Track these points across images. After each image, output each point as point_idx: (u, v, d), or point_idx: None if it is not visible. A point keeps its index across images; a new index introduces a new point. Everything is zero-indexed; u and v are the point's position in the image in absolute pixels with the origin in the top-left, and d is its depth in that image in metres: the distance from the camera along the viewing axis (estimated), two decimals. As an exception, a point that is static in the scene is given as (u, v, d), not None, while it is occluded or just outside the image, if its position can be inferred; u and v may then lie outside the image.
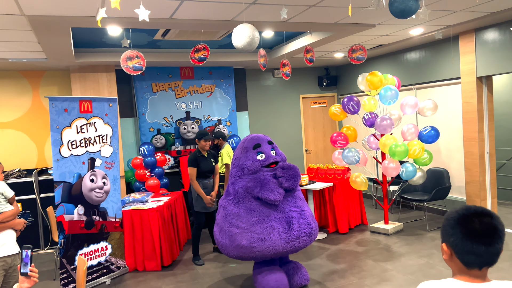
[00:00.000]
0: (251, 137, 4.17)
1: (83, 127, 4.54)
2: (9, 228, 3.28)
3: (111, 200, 4.82)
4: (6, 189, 3.27)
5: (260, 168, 3.99)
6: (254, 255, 3.83)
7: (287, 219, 3.87)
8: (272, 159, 4.03)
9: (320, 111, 8.85)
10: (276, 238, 3.78)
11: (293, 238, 3.83)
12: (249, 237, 3.78)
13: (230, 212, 3.95)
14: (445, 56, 6.20)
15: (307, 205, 4.15)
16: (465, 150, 5.92)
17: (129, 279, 4.76)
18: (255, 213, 3.86)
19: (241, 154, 4.10)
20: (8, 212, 3.25)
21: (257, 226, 3.81)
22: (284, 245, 3.79)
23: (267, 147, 4.08)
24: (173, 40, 5.72)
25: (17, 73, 6.42)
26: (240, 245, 3.81)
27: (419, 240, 5.41)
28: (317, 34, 5.50)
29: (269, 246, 3.76)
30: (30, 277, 2.11)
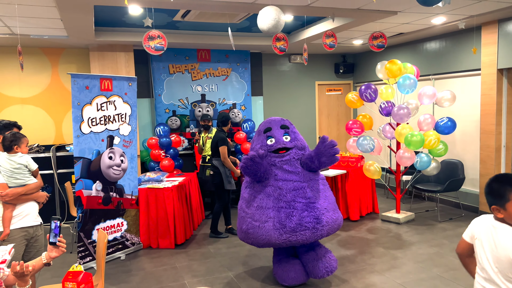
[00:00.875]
0: (266, 121, 4.07)
1: (103, 105, 4.61)
2: (32, 200, 3.37)
3: (128, 178, 4.91)
4: (30, 162, 3.36)
5: (267, 153, 3.83)
6: (250, 241, 3.77)
7: (287, 210, 3.64)
8: (281, 144, 3.81)
9: (335, 98, 8.82)
10: (270, 227, 3.60)
11: (288, 231, 3.57)
12: (248, 223, 3.75)
13: (242, 196, 4.01)
14: (466, 47, 6.12)
15: (324, 197, 3.82)
16: (482, 142, 5.88)
17: (143, 255, 4.88)
18: (256, 199, 3.77)
19: (255, 137, 4.06)
20: (32, 184, 3.34)
21: (255, 213, 3.72)
22: (277, 237, 3.58)
23: (278, 131, 3.88)
24: (192, 21, 5.73)
25: (38, 50, 6.50)
26: (241, 229, 3.84)
27: (430, 230, 5.43)
28: (337, 20, 5.45)
29: (262, 235, 3.63)
30: (59, 246, 2.21)
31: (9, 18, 4.61)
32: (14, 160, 3.26)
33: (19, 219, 3.26)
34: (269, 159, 3.84)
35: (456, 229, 5.46)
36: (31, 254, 3.30)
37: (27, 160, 3.33)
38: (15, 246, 3.08)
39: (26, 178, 3.30)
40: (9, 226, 3.19)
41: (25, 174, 3.31)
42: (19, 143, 3.30)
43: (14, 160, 3.26)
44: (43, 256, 2.28)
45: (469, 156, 6.20)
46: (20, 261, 1.96)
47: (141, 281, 4.17)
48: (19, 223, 3.25)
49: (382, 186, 7.83)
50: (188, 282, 4.10)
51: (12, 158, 3.26)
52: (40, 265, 2.27)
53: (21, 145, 3.32)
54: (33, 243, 3.33)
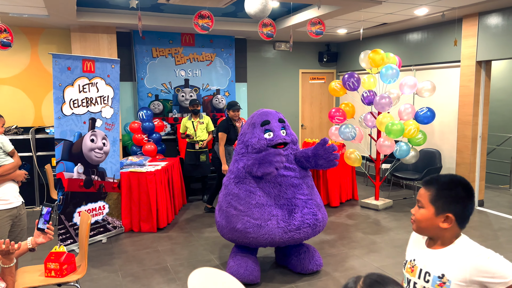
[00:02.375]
0: (260, 112, 3.78)
1: (85, 87, 4.54)
2: (10, 180, 3.32)
3: (110, 161, 4.87)
4: (5, 143, 3.28)
5: (266, 148, 3.62)
6: (248, 241, 3.56)
7: (289, 207, 3.53)
8: (280, 139, 3.63)
9: (319, 87, 8.89)
10: (273, 226, 3.46)
11: (293, 228, 3.49)
12: (245, 221, 3.50)
13: (230, 192, 3.67)
14: (447, 39, 6.24)
15: (316, 194, 3.79)
16: (459, 132, 6.05)
17: (125, 239, 4.88)
18: (254, 196, 3.54)
19: (247, 129, 3.76)
20: (8, 165, 3.27)
21: (254, 211, 3.50)
22: (281, 235, 3.47)
23: (276, 125, 3.69)
24: (177, 5, 5.65)
25: (17, 29, 6.31)
26: (235, 228, 3.57)
27: (407, 217, 5.59)
28: (323, 7, 5.48)
29: (265, 234, 3.46)
30: (47, 233, 2.19)
31: (-13, -5, 4.46)
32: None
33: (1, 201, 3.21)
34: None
35: (432, 216, 5.63)
36: (16, 233, 3.28)
37: (1, 141, 3.26)
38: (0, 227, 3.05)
39: (1, 159, 3.24)
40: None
41: (0, 155, 3.25)
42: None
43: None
44: (29, 240, 2.25)
45: (446, 146, 6.37)
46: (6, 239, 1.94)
47: (124, 263, 4.18)
48: (2, 205, 3.20)
49: (362, 174, 7.99)
50: (171, 265, 4.13)
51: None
52: (25, 249, 2.25)
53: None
54: (17, 222, 3.31)
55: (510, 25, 5.27)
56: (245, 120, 6.48)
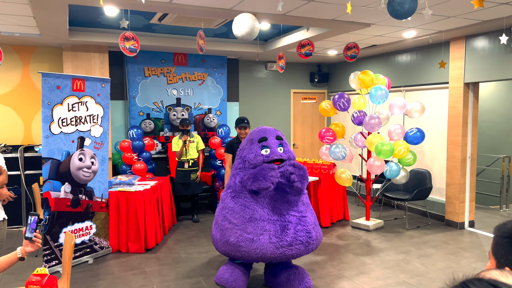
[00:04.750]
0: (259, 129, 3.90)
1: (74, 106, 4.53)
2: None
3: (98, 180, 4.82)
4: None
5: (262, 163, 3.68)
6: (241, 255, 3.59)
7: (282, 223, 3.54)
8: (276, 155, 3.69)
9: (310, 106, 8.95)
10: (265, 241, 3.47)
11: (285, 245, 3.49)
12: (238, 235, 3.55)
13: (226, 206, 3.75)
14: (435, 61, 6.35)
15: (311, 212, 3.80)
16: (448, 153, 6.09)
17: (112, 260, 4.79)
18: (248, 211, 3.58)
19: (246, 145, 3.87)
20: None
21: (248, 225, 3.53)
22: (273, 250, 3.47)
23: (274, 142, 3.77)
24: (169, 25, 5.72)
25: (8, 47, 6.33)
26: (228, 241, 3.61)
27: (398, 238, 5.57)
28: (313, 29, 5.57)
29: (257, 248, 3.47)
30: (34, 242, 2.22)
31: (-21, 14, 4.48)
32: None
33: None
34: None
35: (423, 236, 5.61)
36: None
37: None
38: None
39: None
40: None
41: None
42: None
43: None
44: (18, 250, 2.32)
45: (436, 166, 6.40)
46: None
47: (109, 285, 4.09)
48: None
49: (353, 194, 7.98)
50: (158, 287, 4.05)
51: None
52: (15, 259, 2.29)
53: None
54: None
55: (496, 48, 5.38)
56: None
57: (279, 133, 3.90)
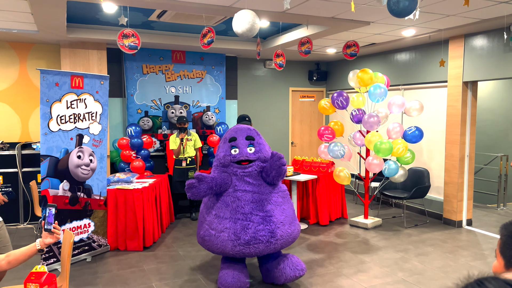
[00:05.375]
0: (233, 128, 4.03)
1: (73, 103, 4.50)
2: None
3: (97, 178, 4.81)
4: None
5: (230, 163, 3.87)
6: (206, 247, 3.84)
7: (243, 222, 3.66)
8: (244, 156, 3.82)
9: (309, 105, 8.95)
10: (225, 238, 3.65)
11: (242, 243, 3.61)
12: (205, 229, 3.82)
13: (205, 200, 4.05)
14: (434, 59, 6.35)
15: (282, 210, 3.84)
16: (447, 151, 6.10)
17: (110, 257, 4.78)
18: (215, 207, 3.82)
19: (220, 143, 4.07)
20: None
21: (214, 221, 3.76)
22: (231, 248, 3.64)
23: (243, 142, 3.88)
24: (168, 22, 5.69)
25: (5, 44, 6.29)
26: (199, 233, 3.92)
27: (396, 236, 5.58)
28: (312, 27, 5.55)
29: (217, 244, 3.70)
30: (53, 233, 2.26)
31: (-24, 10, 4.45)
32: None
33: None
34: (231, 169, 3.88)
35: (421, 235, 5.63)
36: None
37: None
38: None
39: None
40: None
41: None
42: None
43: None
44: (37, 242, 2.37)
45: (434, 165, 6.41)
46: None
47: (107, 283, 4.08)
48: None
49: (352, 192, 7.99)
50: (156, 285, 4.04)
51: None
52: (34, 251, 2.37)
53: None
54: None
55: (495, 47, 5.38)
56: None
57: (252, 132, 3.96)
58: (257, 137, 3.98)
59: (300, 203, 6.23)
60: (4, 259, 2.40)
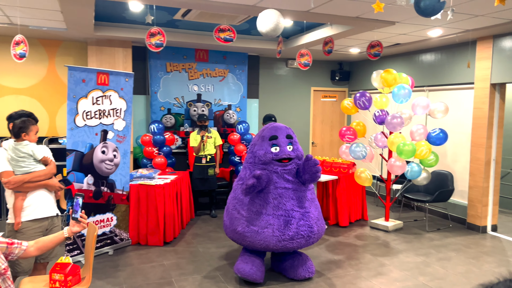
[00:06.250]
0: (271, 127, 4.07)
1: (98, 99, 4.61)
2: (42, 188, 3.28)
3: (120, 173, 4.90)
4: (36, 151, 3.26)
5: (271, 161, 3.92)
6: (246, 244, 3.92)
7: (286, 218, 3.80)
8: (285, 154, 3.91)
9: (330, 105, 8.88)
10: (269, 234, 3.75)
11: (287, 238, 3.77)
12: (245, 226, 3.86)
13: (237, 196, 4.07)
14: (460, 60, 6.21)
15: (315, 207, 4.03)
16: (472, 155, 5.96)
17: (131, 251, 4.87)
18: (255, 204, 3.87)
19: (257, 141, 4.08)
20: (38, 172, 3.24)
21: (254, 217, 3.83)
22: (275, 243, 3.76)
23: (284, 140, 3.96)
24: (192, 21, 5.75)
25: (35, 41, 6.48)
26: (235, 230, 3.94)
27: (417, 239, 5.49)
28: (335, 27, 5.51)
29: (260, 240, 3.78)
30: (80, 222, 2.35)
31: (10, 8, 4.60)
32: (19, 149, 3.18)
33: (32, 210, 3.18)
34: (272, 167, 3.95)
35: (443, 239, 5.52)
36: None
37: (32, 149, 3.24)
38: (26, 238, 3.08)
39: (31, 165, 3.22)
40: (20, 215, 3.13)
41: (30, 162, 3.22)
42: (27, 131, 3.21)
43: (19, 149, 3.18)
44: (65, 230, 2.46)
45: (459, 168, 6.28)
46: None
47: (128, 276, 4.16)
48: (32, 215, 3.18)
49: (372, 194, 7.89)
50: (176, 280, 4.10)
51: (17, 147, 3.18)
52: (62, 238, 2.47)
53: (30, 133, 3.24)
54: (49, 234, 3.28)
55: (525, 48, 5.22)
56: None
57: (290, 131, 4.07)
58: (294, 136, 4.11)
59: (320, 203, 6.20)
60: (33, 245, 2.49)
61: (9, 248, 2.36)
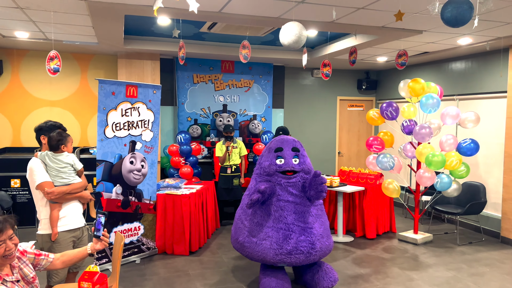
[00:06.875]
0: (278, 139, 4.11)
1: (127, 111, 4.74)
2: (76, 200, 3.39)
3: (147, 183, 5.01)
4: (76, 161, 3.39)
5: (275, 172, 3.93)
6: (245, 254, 3.90)
7: (285, 232, 3.73)
8: (289, 167, 3.90)
9: (357, 114, 8.79)
10: (267, 246, 3.72)
11: (284, 252, 3.68)
12: (245, 236, 3.88)
13: (242, 206, 4.14)
14: (492, 68, 6.03)
15: (321, 223, 3.92)
16: (505, 166, 5.75)
17: (158, 260, 4.94)
18: (257, 216, 3.88)
19: (265, 152, 4.13)
20: (77, 184, 3.35)
21: (255, 229, 3.84)
22: (272, 256, 3.71)
23: (289, 153, 3.96)
24: (218, 33, 5.85)
25: (69, 55, 6.75)
26: (237, 239, 3.98)
27: (448, 253, 5.31)
28: (361, 36, 5.47)
29: (258, 252, 3.76)
30: (102, 240, 2.43)
31: (44, 24, 4.82)
32: (60, 160, 3.29)
33: (67, 220, 3.28)
34: (276, 179, 3.94)
35: (476, 253, 5.32)
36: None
37: (73, 159, 3.37)
38: (62, 248, 3.18)
39: (71, 177, 3.33)
40: (57, 225, 3.22)
41: (70, 173, 3.33)
42: (65, 143, 3.32)
43: (60, 160, 3.29)
44: (88, 246, 2.54)
45: (492, 180, 6.06)
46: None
47: (155, 286, 4.22)
48: (68, 225, 3.28)
49: (401, 205, 7.72)
50: (200, 290, 4.13)
51: (58, 157, 3.28)
52: (85, 254, 2.57)
53: (68, 144, 3.35)
54: (78, 244, 3.37)
55: (561, 55, 5.02)
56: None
57: (297, 144, 4.05)
58: (301, 149, 4.07)
59: (346, 215, 6.11)
60: (59, 258, 2.56)
61: (36, 259, 2.44)
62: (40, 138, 3.41)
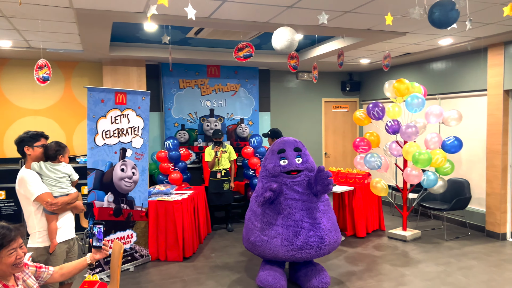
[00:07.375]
0: (280, 141, 4.26)
1: (117, 118, 4.71)
2: (69, 211, 3.35)
3: (139, 190, 4.97)
4: (73, 172, 3.38)
5: (280, 173, 4.07)
6: (257, 253, 4.05)
7: (295, 228, 3.88)
8: (293, 166, 4.06)
9: (342, 115, 8.92)
10: (278, 243, 3.87)
11: (295, 248, 3.84)
12: (256, 235, 4.02)
13: (252, 208, 4.25)
14: (472, 68, 6.22)
15: (329, 218, 4.07)
16: (488, 162, 5.93)
17: (152, 267, 4.91)
18: (266, 215, 4.02)
19: (268, 155, 4.28)
20: (74, 194, 3.34)
21: (266, 227, 3.97)
22: (284, 253, 3.86)
23: (291, 153, 4.11)
24: (204, 38, 5.86)
25: (52, 63, 6.64)
26: (249, 240, 4.11)
27: (436, 249, 5.45)
28: (346, 39, 5.58)
29: (270, 249, 3.91)
30: (102, 250, 2.40)
31: (29, 32, 4.74)
32: (59, 169, 3.25)
33: (63, 232, 3.24)
34: (281, 179, 4.07)
35: (463, 248, 5.47)
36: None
37: (71, 170, 3.36)
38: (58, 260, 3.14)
39: (68, 187, 3.30)
40: (55, 237, 3.17)
41: (68, 183, 3.30)
42: (63, 153, 3.30)
43: (59, 169, 3.25)
44: (88, 257, 2.51)
45: (475, 175, 6.24)
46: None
47: (151, 293, 4.20)
48: (63, 236, 3.24)
49: (389, 204, 7.86)
50: (197, 295, 4.12)
51: (56, 167, 3.24)
52: (84, 265, 2.56)
53: (65, 155, 3.32)
54: (70, 254, 3.33)
55: (537, 54, 5.23)
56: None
57: (299, 144, 4.21)
58: (303, 149, 4.23)
59: (336, 214, 6.19)
60: (58, 271, 2.54)
61: (38, 272, 2.42)
62: (24, 149, 3.21)
